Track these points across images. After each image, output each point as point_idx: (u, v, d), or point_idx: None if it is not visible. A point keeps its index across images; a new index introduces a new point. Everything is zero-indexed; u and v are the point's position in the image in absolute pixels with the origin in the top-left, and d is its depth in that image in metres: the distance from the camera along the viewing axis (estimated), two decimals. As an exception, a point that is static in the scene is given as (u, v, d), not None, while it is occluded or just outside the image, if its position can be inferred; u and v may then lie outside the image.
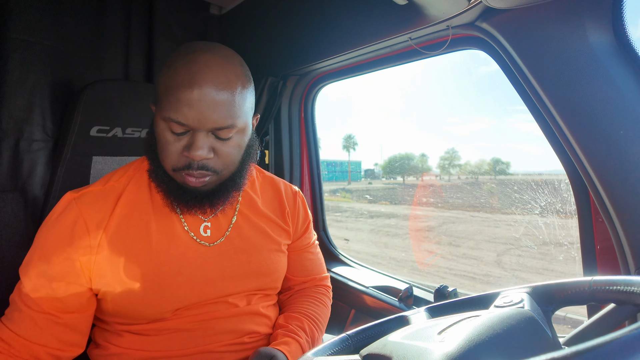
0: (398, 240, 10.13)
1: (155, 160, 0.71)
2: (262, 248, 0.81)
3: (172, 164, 0.66)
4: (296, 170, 1.56)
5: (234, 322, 0.77)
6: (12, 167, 1.06)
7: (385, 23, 1.03)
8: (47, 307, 0.66)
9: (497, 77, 48.68)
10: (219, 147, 0.66)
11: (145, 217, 0.72)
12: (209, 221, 0.77)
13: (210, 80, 0.62)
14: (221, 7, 1.54)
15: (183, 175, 0.66)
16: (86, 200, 0.69)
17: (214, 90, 0.62)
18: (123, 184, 0.74)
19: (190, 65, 0.62)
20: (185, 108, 0.61)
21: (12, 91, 1.04)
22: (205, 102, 0.61)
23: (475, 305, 0.53)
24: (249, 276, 0.78)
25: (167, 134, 0.65)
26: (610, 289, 0.42)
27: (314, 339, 0.82)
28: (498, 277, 6.48)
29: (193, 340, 0.73)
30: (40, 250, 0.67)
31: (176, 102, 0.62)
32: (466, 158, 47.70)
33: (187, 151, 0.64)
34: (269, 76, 1.40)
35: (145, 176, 0.76)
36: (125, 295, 0.69)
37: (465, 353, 0.35)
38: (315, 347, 0.48)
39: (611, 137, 0.71)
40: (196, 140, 0.63)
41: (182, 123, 0.62)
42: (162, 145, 0.67)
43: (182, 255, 0.72)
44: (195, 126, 0.63)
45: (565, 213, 1.02)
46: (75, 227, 0.67)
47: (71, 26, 1.15)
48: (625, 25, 0.71)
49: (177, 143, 0.65)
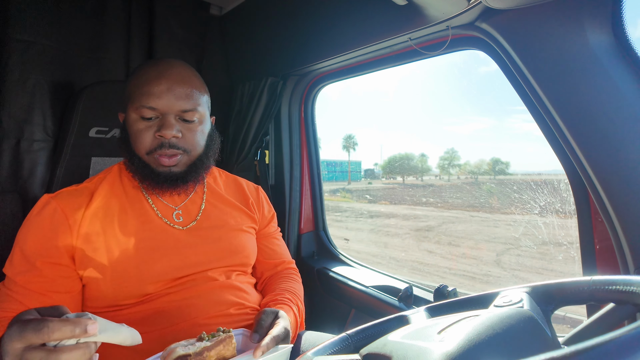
0: (398, 240, 10.14)
1: (129, 152, 0.79)
2: (230, 228, 0.89)
3: (146, 147, 0.77)
4: (296, 170, 1.56)
5: (217, 294, 0.80)
6: (13, 167, 1.06)
7: (385, 23, 1.03)
8: (35, 287, 0.69)
9: (496, 77, 48.62)
10: (185, 130, 0.79)
11: (120, 207, 0.79)
12: (180, 209, 0.85)
13: (175, 75, 0.78)
14: (221, 8, 1.54)
15: (156, 158, 0.77)
16: (62, 196, 0.76)
17: (178, 82, 0.77)
18: (96, 184, 0.82)
19: (157, 66, 0.78)
20: (155, 96, 0.75)
21: (13, 91, 1.05)
22: (172, 90, 0.76)
23: (474, 305, 0.54)
24: (222, 252, 0.85)
25: (139, 122, 0.76)
26: (609, 289, 0.42)
27: (298, 308, 0.88)
28: (497, 277, 6.48)
29: (180, 316, 0.76)
30: (22, 244, 0.71)
31: (147, 93, 0.75)
32: (466, 158, 47.69)
33: (159, 131, 0.75)
34: (269, 76, 1.40)
35: (122, 174, 0.85)
36: (108, 273, 0.73)
37: (464, 352, 0.35)
38: (316, 347, 0.49)
39: (610, 137, 0.71)
40: (167, 122, 0.76)
41: (153, 108, 0.75)
42: (135, 134, 0.77)
43: (157, 236, 0.79)
44: (164, 110, 0.76)
45: (565, 213, 1.02)
46: (55, 216, 0.73)
47: (71, 27, 1.15)
48: (625, 25, 0.72)
49: (149, 129, 0.76)
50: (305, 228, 1.59)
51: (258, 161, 1.58)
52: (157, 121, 0.77)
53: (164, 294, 0.77)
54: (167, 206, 0.84)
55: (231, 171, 1.41)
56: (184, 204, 0.86)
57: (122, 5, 1.27)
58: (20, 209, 1.04)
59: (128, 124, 0.78)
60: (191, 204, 0.88)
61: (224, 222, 0.89)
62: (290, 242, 1.52)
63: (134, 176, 0.80)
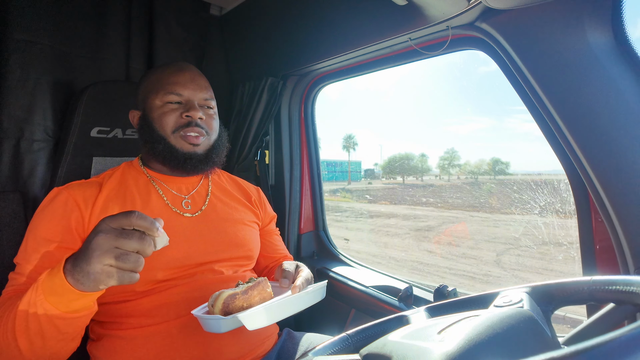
0: (398, 240, 10.14)
1: (153, 136, 0.85)
2: (235, 222, 0.93)
3: (172, 126, 0.84)
4: (296, 170, 1.56)
5: (224, 287, 0.81)
6: (13, 167, 1.06)
7: (385, 23, 1.03)
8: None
9: (496, 77, 48.69)
10: (206, 116, 0.88)
11: (131, 195, 0.83)
12: (189, 198, 0.90)
13: (193, 70, 0.90)
14: (221, 8, 1.54)
15: (183, 135, 0.84)
16: (73, 187, 0.80)
17: (198, 75, 0.90)
18: (104, 178, 0.86)
19: (176, 64, 0.90)
20: (181, 84, 0.86)
21: (13, 91, 1.05)
22: (194, 81, 0.88)
23: (474, 305, 0.54)
24: (227, 244, 0.88)
25: (165, 106, 0.85)
26: (609, 289, 0.42)
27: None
28: (497, 277, 6.48)
29: (186, 308, 0.77)
30: (35, 232, 0.73)
31: (173, 82, 0.86)
32: (466, 158, 47.72)
33: (187, 112, 0.84)
34: (269, 76, 1.40)
35: (130, 169, 0.90)
36: None
37: (464, 352, 0.35)
38: (316, 347, 0.49)
39: (610, 137, 0.71)
40: (193, 105, 0.85)
41: (179, 94, 0.85)
42: (161, 116, 0.85)
43: (168, 223, 0.81)
44: (189, 97, 0.86)
45: (565, 213, 1.03)
46: (67, 204, 0.76)
47: (72, 27, 1.15)
48: (625, 25, 0.72)
49: (175, 111, 0.85)
50: (305, 228, 1.59)
51: (258, 161, 1.58)
52: (182, 106, 0.86)
53: (172, 286, 0.79)
54: (176, 195, 0.89)
55: (231, 171, 1.41)
56: (191, 195, 0.91)
57: (122, 5, 1.27)
58: (22, 208, 1.04)
59: (150, 111, 0.86)
60: (198, 195, 0.92)
61: (229, 215, 0.92)
62: (290, 242, 1.52)
63: (157, 160, 0.87)
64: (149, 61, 1.36)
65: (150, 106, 0.86)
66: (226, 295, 0.66)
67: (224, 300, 0.66)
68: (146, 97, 0.87)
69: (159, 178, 0.89)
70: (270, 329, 0.90)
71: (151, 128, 0.86)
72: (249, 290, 0.68)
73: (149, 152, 0.88)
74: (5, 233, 1.00)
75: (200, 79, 0.89)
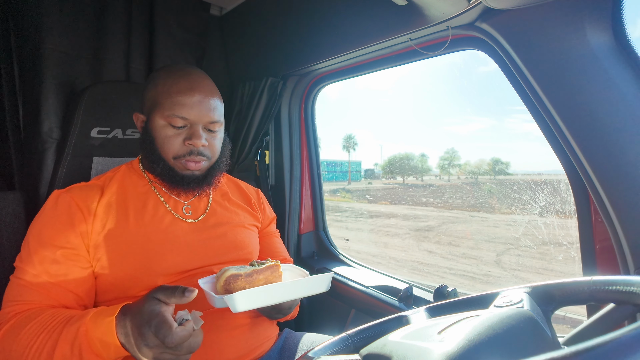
0: (398, 240, 10.14)
1: (153, 155, 0.83)
2: (235, 225, 0.93)
3: (174, 153, 0.82)
4: (296, 170, 1.56)
5: None
6: (14, 167, 1.06)
7: (385, 24, 1.03)
8: (52, 277, 0.71)
9: (496, 77, 48.51)
10: (209, 139, 0.84)
11: (132, 201, 0.83)
12: (189, 204, 0.90)
13: (205, 87, 0.82)
14: (221, 8, 1.54)
15: (184, 162, 0.82)
16: (74, 190, 0.79)
17: (207, 95, 0.82)
18: (105, 181, 0.85)
19: (188, 76, 0.82)
20: (188, 107, 0.79)
21: (14, 92, 1.04)
22: (202, 103, 0.81)
23: (474, 305, 0.54)
24: (226, 248, 0.88)
25: (168, 129, 0.81)
26: (609, 289, 0.42)
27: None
28: (497, 277, 6.48)
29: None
30: (38, 236, 0.73)
31: (180, 103, 0.79)
32: (466, 158, 47.68)
33: (190, 140, 0.80)
34: (269, 76, 1.40)
35: (131, 172, 0.88)
36: (120, 264, 0.75)
37: (464, 353, 0.35)
38: (316, 347, 0.49)
39: (610, 138, 0.71)
40: (196, 132, 0.81)
41: (185, 118, 0.80)
42: (163, 139, 0.81)
43: (167, 228, 0.82)
44: (195, 121, 0.81)
45: (565, 213, 1.02)
46: (70, 208, 0.76)
47: (72, 27, 1.15)
48: (625, 26, 0.72)
49: (177, 136, 0.81)
50: (305, 228, 1.59)
51: (258, 161, 1.58)
52: (186, 130, 0.81)
53: None
54: (177, 201, 0.88)
55: (231, 171, 1.41)
56: (191, 201, 0.90)
57: (123, 6, 1.27)
58: (23, 208, 1.04)
59: (153, 129, 0.82)
60: (198, 201, 0.92)
61: (228, 219, 0.92)
62: (290, 242, 1.52)
63: (155, 176, 0.85)
64: (149, 61, 1.36)
65: (153, 120, 0.82)
66: (229, 274, 0.67)
67: (226, 279, 0.67)
68: (151, 108, 0.82)
69: (159, 183, 0.88)
70: (271, 330, 0.90)
71: (152, 146, 0.83)
72: (254, 273, 0.68)
73: (148, 161, 0.86)
74: (5, 233, 1.00)
75: (210, 98, 0.82)
